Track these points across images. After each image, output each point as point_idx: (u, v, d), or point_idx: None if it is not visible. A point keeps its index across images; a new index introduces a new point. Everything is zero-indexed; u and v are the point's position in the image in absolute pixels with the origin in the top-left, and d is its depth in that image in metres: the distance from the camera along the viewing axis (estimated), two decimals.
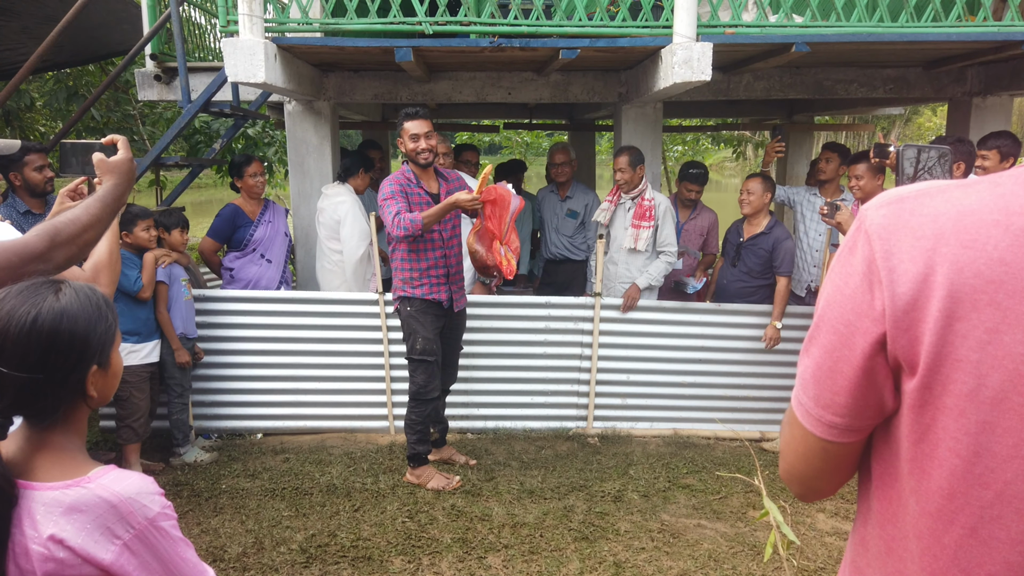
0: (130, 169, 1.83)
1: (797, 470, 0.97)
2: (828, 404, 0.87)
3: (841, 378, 0.85)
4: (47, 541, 1.09)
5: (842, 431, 0.88)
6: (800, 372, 0.92)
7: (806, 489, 1.00)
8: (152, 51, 5.58)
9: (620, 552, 3.42)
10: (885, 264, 0.79)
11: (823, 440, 0.90)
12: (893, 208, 0.82)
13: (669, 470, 4.31)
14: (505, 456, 4.47)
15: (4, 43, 5.55)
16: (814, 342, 0.88)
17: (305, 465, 4.30)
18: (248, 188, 4.71)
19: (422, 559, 3.34)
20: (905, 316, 0.77)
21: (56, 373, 1.16)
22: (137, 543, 1.13)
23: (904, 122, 22.50)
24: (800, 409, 0.91)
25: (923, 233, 0.78)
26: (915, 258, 0.77)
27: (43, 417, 1.17)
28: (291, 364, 4.73)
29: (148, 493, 1.16)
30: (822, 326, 0.87)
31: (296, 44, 4.24)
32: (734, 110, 8.71)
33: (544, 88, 5.48)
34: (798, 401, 0.92)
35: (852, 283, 0.83)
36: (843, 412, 0.86)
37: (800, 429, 0.92)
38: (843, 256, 0.86)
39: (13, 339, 1.13)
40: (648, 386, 4.87)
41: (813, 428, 0.90)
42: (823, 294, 0.89)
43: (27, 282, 1.19)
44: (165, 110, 10.35)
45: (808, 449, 0.93)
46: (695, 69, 4.05)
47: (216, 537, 3.51)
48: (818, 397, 0.88)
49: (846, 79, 5.51)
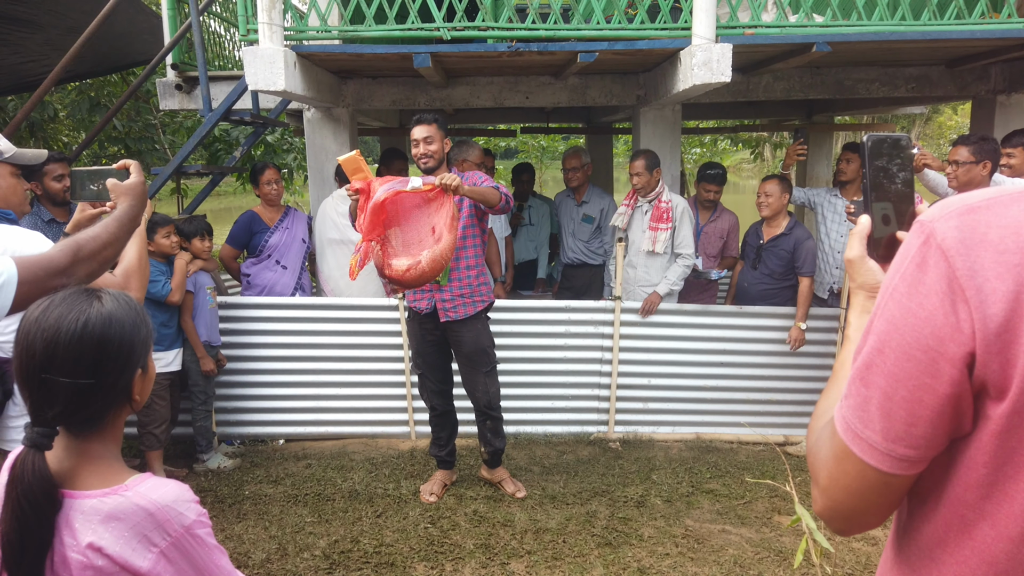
0: (143, 191, 1.92)
1: (846, 507, 0.89)
2: (901, 436, 0.80)
3: (921, 408, 0.78)
4: (86, 549, 1.10)
5: (912, 463, 0.82)
6: (856, 404, 0.84)
7: (851, 525, 0.92)
8: (173, 61, 5.64)
9: (644, 558, 3.39)
10: (970, 282, 0.73)
11: (887, 474, 0.83)
12: (966, 220, 0.76)
13: (692, 475, 4.28)
14: (526, 461, 4.45)
15: (28, 55, 5.63)
16: (876, 370, 0.81)
17: (327, 471, 4.31)
18: (264, 195, 4.75)
19: (445, 565, 3.33)
20: (998, 338, 0.72)
21: (107, 378, 1.18)
22: (173, 551, 1.14)
23: (924, 121, 22.29)
24: (861, 444, 0.83)
25: (1007, 247, 0.72)
26: (1002, 275, 0.72)
27: (90, 425, 1.18)
28: (312, 370, 4.75)
29: (184, 501, 1.17)
30: (887, 352, 0.80)
31: (315, 52, 4.26)
32: (753, 111, 8.66)
33: (562, 92, 5.47)
34: (856, 435, 0.84)
35: (929, 304, 0.76)
36: (919, 444, 0.80)
37: (856, 464, 0.85)
38: (909, 273, 0.79)
39: (64, 346, 1.14)
40: (670, 390, 4.84)
41: (879, 463, 0.82)
42: (885, 314, 0.81)
43: (66, 292, 1.21)
44: (186, 119, 10.47)
45: (865, 484, 0.85)
46: (714, 71, 4.03)
47: (240, 543, 3.52)
48: (888, 430, 0.81)
49: (867, 78, 5.46)
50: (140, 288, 2.20)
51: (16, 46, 5.47)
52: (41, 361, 1.13)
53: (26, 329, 1.15)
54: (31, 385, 1.14)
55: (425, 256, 3.24)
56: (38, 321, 1.15)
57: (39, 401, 1.14)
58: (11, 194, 2.29)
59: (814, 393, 4.78)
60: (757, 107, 8.27)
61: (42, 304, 1.18)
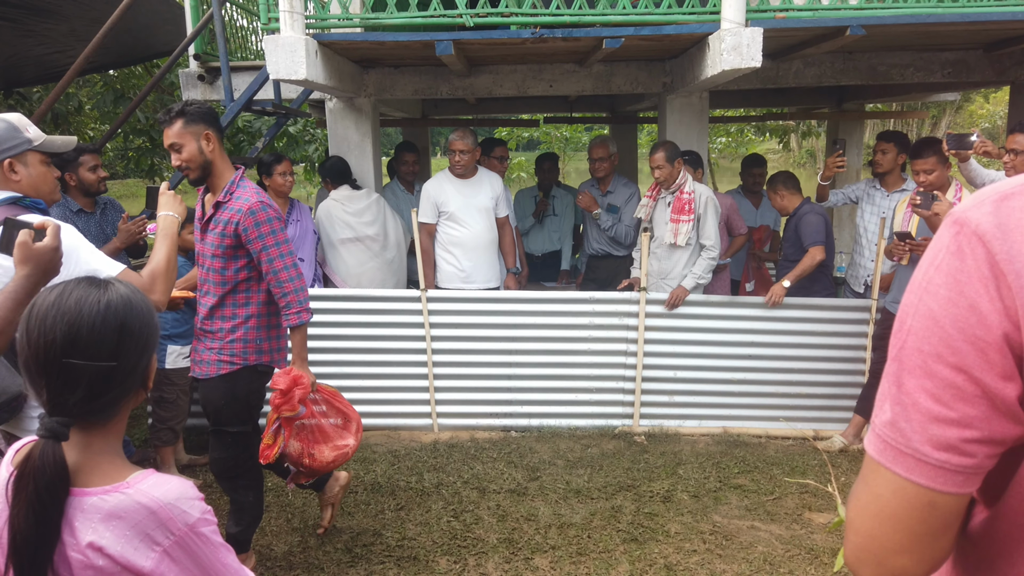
0: (50, 260, 1.74)
1: (878, 542, 0.78)
2: (953, 445, 0.72)
3: (975, 407, 0.71)
4: (86, 548, 1.06)
5: (966, 477, 0.73)
6: (895, 417, 0.75)
7: (883, 569, 0.79)
8: (195, 51, 5.63)
9: (671, 554, 3.32)
10: (1011, 266, 0.69)
11: (934, 492, 0.74)
12: (1001, 206, 0.72)
13: (720, 469, 4.19)
14: (550, 455, 4.40)
15: (54, 46, 5.66)
16: (918, 373, 0.74)
17: (349, 463, 4.28)
18: (277, 187, 4.69)
19: (468, 559, 3.29)
20: None
21: (128, 361, 1.16)
22: (177, 549, 1.10)
23: (955, 110, 21.81)
24: (905, 460, 0.75)
25: None
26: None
27: (105, 414, 1.16)
28: (334, 362, 4.72)
29: (188, 499, 1.13)
30: (930, 350, 0.73)
31: (337, 40, 4.22)
32: (781, 99, 8.48)
33: (586, 80, 5.38)
34: (897, 452, 0.75)
35: (971, 291, 0.71)
36: (974, 451, 0.72)
37: (892, 485, 0.76)
38: (944, 263, 0.74)
39: (88, 328, 1.12)
40: (696, 383, 4.75)
41: (930, 479, 0.74)
42: (921, 310, 0.74)
43: (75, 279, 1.19)
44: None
45: (905, 507, 0.75)
46: (744, 56, 3.92)
47: (262, 535, 3.51)
48: (938, 439, 0.72)
49: (902, 63, 5.30)
50: (165, 292, 2.24)
51: (42, 37, 5.50)
52: (63, 345, 1.10)
53: (41, 314, 1.12)
54: (51, 371, 1.10)
55: None
56: (56, 305, 1.12)
57: (60, 387, 1.11)
58: (41, 182, 2.29)
59: (845, 387, 4.67)
60: (785, 95, 8.10)
61: (54, 290, 1.15)
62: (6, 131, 2.20)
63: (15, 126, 2.23)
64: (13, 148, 2.20)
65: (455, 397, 4.77)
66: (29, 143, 2.24)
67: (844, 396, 4.69)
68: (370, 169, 5.34)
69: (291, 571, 3.21)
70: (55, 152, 2.35)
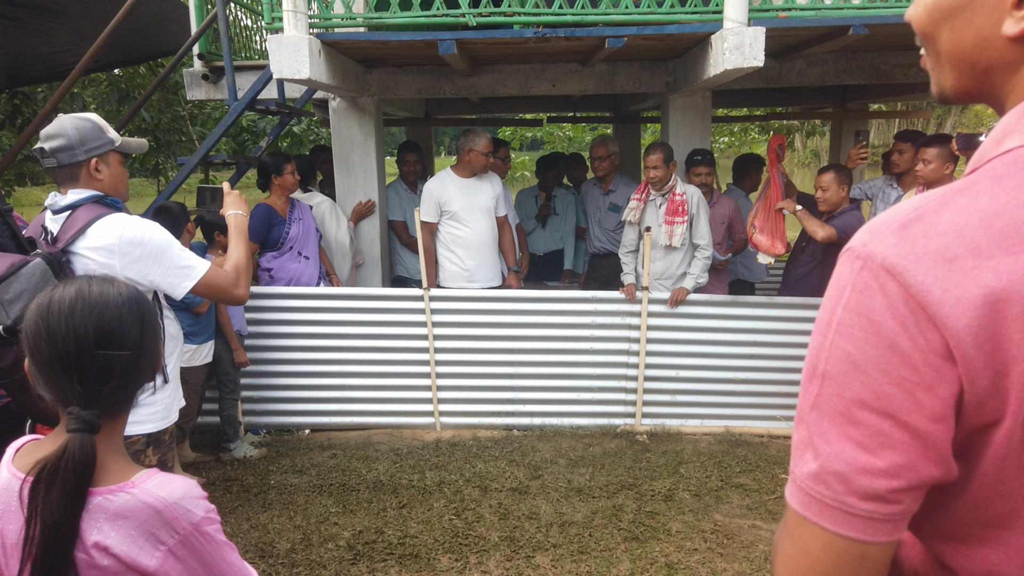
0: None
1: None
2: (879, 493, 0.69)
3: (903, 453, 0.68)
4: (91, 548, 1.07)
5: (895, 523, 0.71)
6: (819, 468, 0.72)
7: None
8: (200, 51, 5.64)
9: (672, 553, 3.33)
10: (928, 298, 0.65)
11: (864, 544, 0.71)
12: (900, 236, 0.68)
13: (721, 469, 4.20)
14: (552, 453, 4.41)
15: (59, 45, 5.68)
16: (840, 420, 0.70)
17: (352, 461, 4.30)
18: (287, 186, 4.71)
19: (469, 557, 3.30)
20: (979, 350, 0.64)
21: (149, 350, 1.19)
22: (182, 548, 1.11)
23: (961, 109, 21.73)
24: (831, 513, 0.71)
25: (954, 254, 0.65)
26: (960, 283, 0.64)
27: (127, 405, 1.18)
28: (338, 360, 4.74)
29: (193, 497, 1.14)
30: (852, 396, 0.69)
31: (340, 39, 4.23)
32: (784, 98, 8.47)
33: (589, 79, 5.39)
34: (823, 504, 0.71)
35: (888, 331, 0.66)
36: (900, 497, 0.69)
37: (819, 539, 0.72)
38: (853, 302, 0.69)
39: (116, 317, 1.14)
40: (698, 382, 4.75)
41: (859, 531, 0.70)
42: (836, 354, 0.70)
43: (80, 276, 1.21)
44: (214, 110, 10.53)
45: (836, 564, 0.72)
46: (747, 55, 3.92)
47: (265, 533, 3.52)
48: (865, 489, 0.69)
49: (906, 63, 5.29)
50: (247, 285, 2.37)
51: (47, 36, 5.52)
52: (96, 337, 1.12)
53: (65, 310, 1.12)
54: (84, 364, 1.11)
55: None
56: (79, 299, 1.13)
57: (94, 380, 1.12)
58: (120, 182, 2.35)
59: None
60: (788, 94, 8.08)
61: (66, 287, 1.16)
62: (93, 131, 2.23)
63: (100, 126, 2.26)
64: (99, 148, 2.24)
65: (457, 396, 4.78)
66: (112, 143, 2.28)
67: None
68: (373, 168, 5.35)
69: (293, 569, 3.23)
70: (131, 153, 2.40)
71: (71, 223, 2.15)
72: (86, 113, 2.28)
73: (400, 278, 5.78)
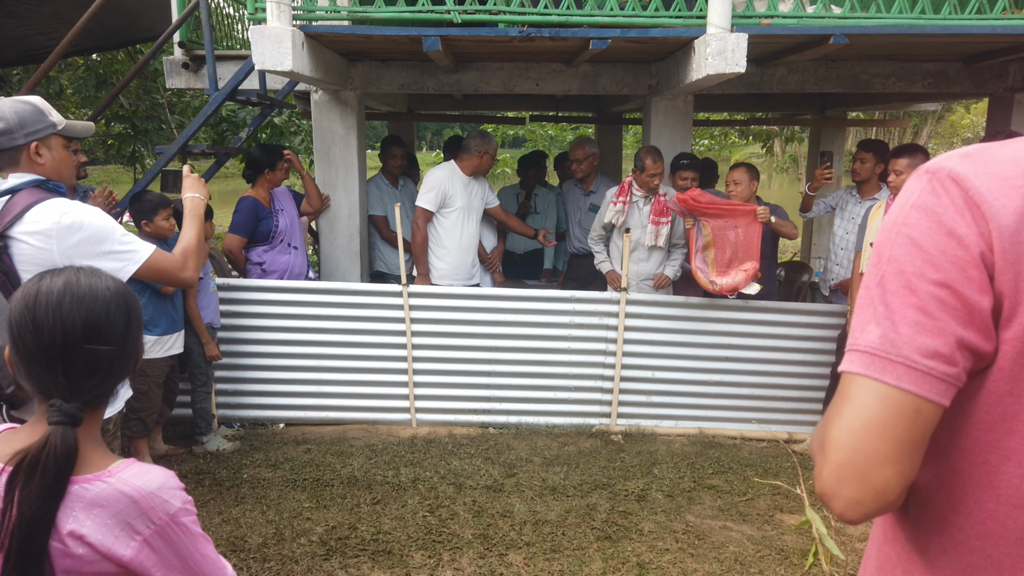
0: None
1: (862, 455, 0.79)
2: (939, 352, 0.78)
3: (957, 318, 0.78)
4: (66, 537, 1.06)
5: (948, 385, 0.78)
6: (883, 332, 0.80)
7: (865, 485, 0.79)
8: (180, 39, 5.58)
9: (644, 553, 3.35)
10: (983, 198, 0.78)
11: (921, 400, 0.78)
12: (967, 159, 0.82)
13: (694, 470, 4.24)
14: (527, 452, 4.42)
15: (35, 28, 5.58)
16: (903, 292, 0.80)
17: (326, 456, 4.28)
18: (277, 181, 4.69)
19: (443, 554, 3.30)
20: (1013, 248, 0.77)
21: (132, 344, 1.19)
22: (157, 539, 1.10)
23: (936, 120, 22.07)
24: (895, 369, 0.78)
25: (1009, 175, 0.79)
26: (1009, 194, 0.78)
27: (107, 398, 1.18)
28: (314, 354, 4.72)
29: (170, 488, 1.13)
30: (912, 270, 0.80)
31: (323, 32, 4.19)
32: (764, 104, 8.56)
33: (573, 80, 5.40)
34: (886, 362, 0.79)
35: (949, 218, 0.80)
36: (956, 359, 0.78)
37: (881, 394, 0.79)
38: (921, 201, 0.82)
39: (103, 312, 1.14)
40: (673, 383, 4.79)
41: (918, 385, 0.78)
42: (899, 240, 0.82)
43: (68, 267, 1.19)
44: (193, 98, 10.41)
45: (894, 416, 0.78)
46: (729, 61, 3.95)
47: (237, 527, 3.50)
48: (925, 347, 0.78)
49: (884, 73, 5.36)
50: (196, 269, 2.33)
51: (23, 18, 5.43)
52: (84, 331, 1.11)
53: (53, 302, 1.11)
54: (70, 357, 1.10)
55: None
56: (67, 292, 1.12)
57: (79, 373, 1.11)
58: (63, 166, 2.29)
59: (819, 390, 4.73)
60: (769, 100, 8.16)
61: (54, 278, 1.15)
62: (33, 114, 2.17)
63: (40, 109, 2.20)
64: (39, 131, 2.18)
65: (434, 392, 4.77)
66: (54, 127, 2.22)
67: (818, 400, 4.75)
68: (355, 162, 5.32)
69: (265, 563, 3.21)
70: (76, 136, 2.35)
71: (9, 208, 2.09)
72: (28, 96, 2.23)
73: (379, 273, 5.76)
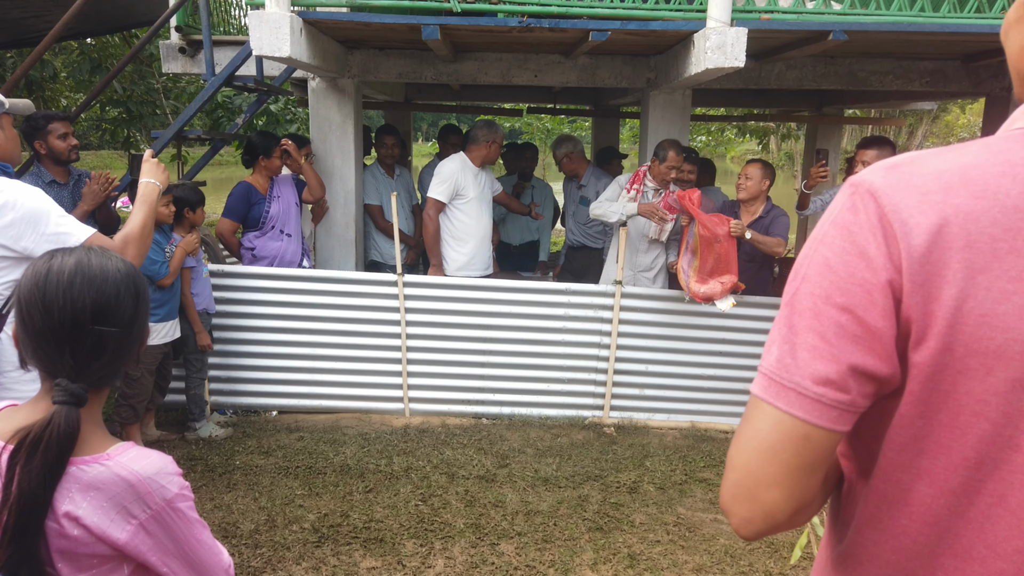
0: None
1: (752, 476, 0.81)
2: (831, 379, 0.76)
3: (855, 344, 0.76)
4: (62, 518, 1.06)
5: (841, 412, 0.77)
6: (782, 354, 0.80)
7: (755, 505, 0.81)
8: (177, 23, 5.54)
9: (635, 544, 3.37)
10: (896, 217, 0.75)
11: (810, 425, 0.77)
12: (891, 172, 0.79)
13: (686, 463, 4.26)
14: (520, 443, 4.43)
15: (31, 10, 5.54)
16: (809, 314, 0.78)
17: (319, 444, 4.28)
18: (274, 168, 4.67)
19: (434, 543, 3.31)
20: (922, 269, 0.74)
21: (140, 327, 1.19)
22: (153, 523, 1.10)
23: (932, 119, 22.12)
24: (786, 394, 0.78)
25: (929, 188, 0.76)
26: (926, 211, 0.74)
27: (109, 381, 1.18)
28: (308, 343, 4.71)
29: (167, 473, 1.13)
30: (820, 292, 0.78)
31: (322, 19, 4.17)
32: (761, 100, 8.56)
33: (571, 71, 5.39)
34: (780, 386, 0.79)
35: (861, 239, 0.77)
36: (849, 385, 0.76)
37: (773, 418, 0.79)
38: (840, 217, 0.80)
39: (113, 293, 1.13)
40: (666, 377, 4.81)
41: (806, 412, 0.77)
42: (816, 259, 0.80)
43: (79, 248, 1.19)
44: (189, 84, 10.35)
45: (782, 441, 0.79)
46: (728, 55, 3.95)
47: (229, 513, 3.50)
48: (818, 374, 0.77)
49: (881, 70, 5.37)
50: (137, 256, 2.25)
51: (18, 0, 5.38)
52: (93, 312, 1.11)
53: (64, 282, 1.10)
54: (78, 338, 1.10)
55: None
56: (78, 272, 1.12)
57: (87, 354, 1.11)
58: (11, 146, 2.26)
59: None
60: (766, 96, 8.17)
61: (65, 257, 1.14)
62: None
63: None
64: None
65: (428, 383, 4.78)
66: (2, 106, 2.21)
67: None
68: (351, 150, 5.30)
69: (257, 550, 3.21)
70: (18, 115, 2.33)
71: None
72: None
73: (374, 263, 5.75)
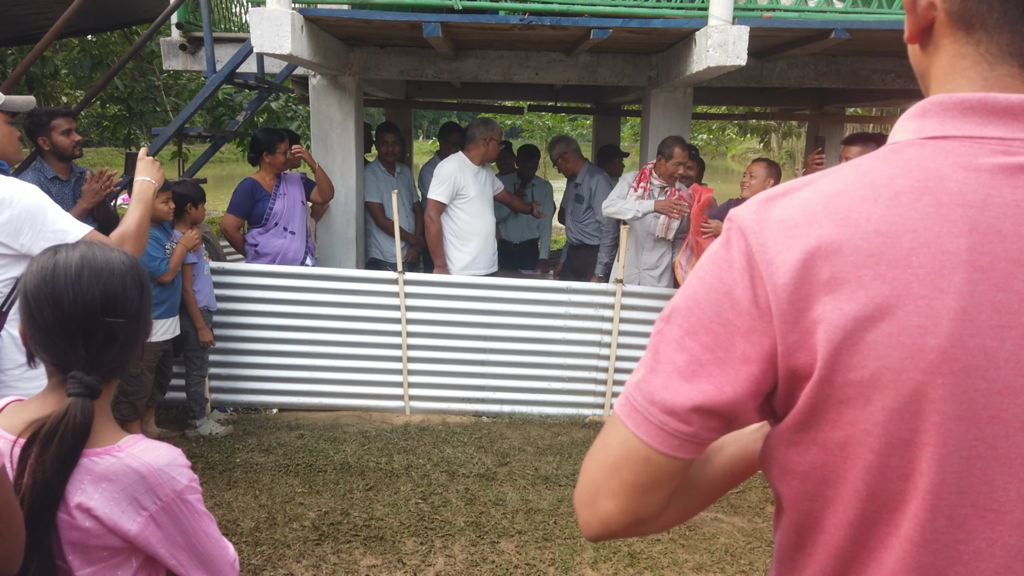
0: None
1: (593, 485, 0.84)
2: (676, 410, 0.77)
3: (709, 381, 0.76)
4: (74, 509, 1.07)
5: (683, 442, 0.78)
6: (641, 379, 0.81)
7: (594, 511, 0.84)
8: (178, 20, 5.54)
9: (635, 543, 3.37)
10: (763, 257, 0.74)
11: (651, 449, 0.79)
12: (762, 206, 0.78)
13: None
14: (520, 441, 4.43)
15: (31, 7, 5.53)
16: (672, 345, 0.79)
17: (320, 442, 4.28)
18: (278, 164, 4.67)
19: (435, 541, 3.31)
20: (791, 306, 0.72)
21: (146, 318, 1.20)
22: (163, 515, 1.11)
23: None
24: (636, 417, 0.80)
25: (795, 222, 0.74)
26: (790, 247, 0.73)
27: (119, 372, 1.19)
28: (308, 340, 4.71)
29: (177, 465, 1.14)
30: (686, 327, 0.79)
31: (323, 16, 4.17)
32: (763, 98, 8.55)
33: (572, 70, 5.38)
34: (633, 408, 0.80)
35: (730, 278, 0.76)
36: (692, 419, 0.77)
37: (621, 436, 0.81)
38: (715, 252, 0.80)
39: (120, 285, 1.14)
40: None
41: (649, 436, 0.79)
42: (687, 291, 0.80)
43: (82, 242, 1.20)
44: (189, 81, 10.34)
45: (624, 459, 0.81)
46: (730, 53, 3.94)
47: (229, 511, 3.50)
48: (666, 403, 0.78)
49: (884, 69, 5.37)
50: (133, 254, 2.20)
51: None
52: (102, 304, 1.12)
53: (72, 275, 1.11)
54: (90, 330, 1.11)
55: None
56: (86, 265, 1.13)
57: (98, 346, 1.12)
58: (8, 143, 2.25)
59: None
60: (767, 94, 8.16)
61: (70, 251, 1.15)
62: None
63: None
64: None
65: (428, 381, 4.78)
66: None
67: None
68: (352, 148, 5.30)
69: (257, 547, 3.21)
70: (17, 111, 2.32)
71: None
72: None
73: (375, 260, 5.75)
